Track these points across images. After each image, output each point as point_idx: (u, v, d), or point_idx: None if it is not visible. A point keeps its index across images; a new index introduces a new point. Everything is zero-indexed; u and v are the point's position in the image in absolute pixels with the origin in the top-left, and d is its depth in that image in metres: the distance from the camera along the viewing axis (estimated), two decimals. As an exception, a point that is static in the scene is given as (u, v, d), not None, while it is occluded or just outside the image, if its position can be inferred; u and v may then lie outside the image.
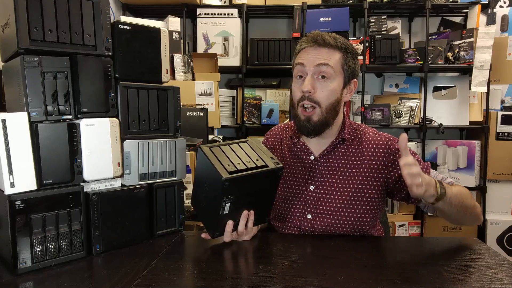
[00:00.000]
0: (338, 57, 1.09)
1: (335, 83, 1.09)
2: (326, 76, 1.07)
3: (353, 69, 1.12)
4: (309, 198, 1.15)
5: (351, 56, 1.11)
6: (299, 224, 1.15)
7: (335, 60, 1.08)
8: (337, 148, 1.16)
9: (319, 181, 1.15)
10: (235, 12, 2.64)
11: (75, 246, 0.92)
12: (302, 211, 1.15)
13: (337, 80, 1.09)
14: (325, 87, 1.08)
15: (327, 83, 1.08)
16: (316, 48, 1.08)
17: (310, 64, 1.08)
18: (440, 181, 1.00)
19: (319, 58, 1.07)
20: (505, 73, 2.69)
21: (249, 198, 1.00)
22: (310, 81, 1.07)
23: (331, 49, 1.08)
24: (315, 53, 1.08)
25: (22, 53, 0.84)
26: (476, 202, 1.10)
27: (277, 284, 0.78)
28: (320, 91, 1.08)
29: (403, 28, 2.88)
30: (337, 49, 1.09)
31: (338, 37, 1.11)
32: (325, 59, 1.07)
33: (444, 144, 2.72)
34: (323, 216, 1.13)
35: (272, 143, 1.29)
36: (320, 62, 1.07)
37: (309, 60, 1.08)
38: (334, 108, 1.10)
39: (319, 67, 1.07)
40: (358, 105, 2.75)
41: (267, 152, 1.02)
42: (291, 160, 1.21)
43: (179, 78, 2.30)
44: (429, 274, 0.83)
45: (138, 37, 1.03)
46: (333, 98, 1.09)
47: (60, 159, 0.89)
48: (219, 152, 0.97)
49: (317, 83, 1.08)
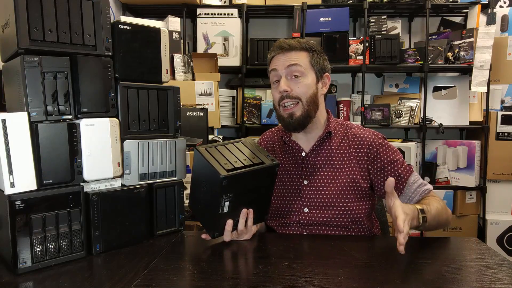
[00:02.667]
0: (305, 55, 1.18)
1: (309, 79, 1.18)
2: (298, 74, 1.17)
3: (322, 65, 1.21)
4: (304, 192, 1.20)
5: (317, 54, 1.20)
6: (298, 219, 1.19)
7: (303, 59, 1.18)
8: (324, 142, 1.23)
9: (312, 175, 1.21)
10: (235, 12, 2.64)
11: (75, 246, 0.92)
12: (299, 205, 1.20)
13: (309, 76, 1.18)
14: (300, 83, 1.17)
15: (301, 79, 1.17)
16: (284, 53, 1.18)
17: (282, 67, 1.17)
18: (422, 209, 1.02)
19: (289, 60, 1.17)
20: (505, 73, 2.68)
21: (248, 196, 1.02)
22: (285, 82, 1.17)
23: (297, 51, 1.18)
24: (284, 57, 1.18)
25: (22, 53, 0.84)
26: (447, 210, 1.15)
27: (277, 284, 0.78)
28: (297, 87, 1.17)
29: (403, 28, 2.88)
30: (302, 50, 1.19)
31: (301, 40, 1.21)
32: (294, 59, 1.17)
33: (444, 144, 2.72)
34: (319, 208, 1.18)
35: (265, 146, 1.35)
36: (290, 63, 1.16)
37: (280, 64, 1.18)
38: (314, 101, 1.18)
39: (290, 68, 1.16)
40: (358, 105, 2.75)
41: (262, 150, 1.05)
42: (284, 159, 1.26)
43: (179, 78, 2.30)
44: (429, 274, 0.83)
45: (138, 37, 1.03)
46: (311, 92, 1.18)
47: (60, 159, 0.89)
48: (215, 152, 0.99)
49: (292, 82, 1.17)
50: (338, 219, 1.16)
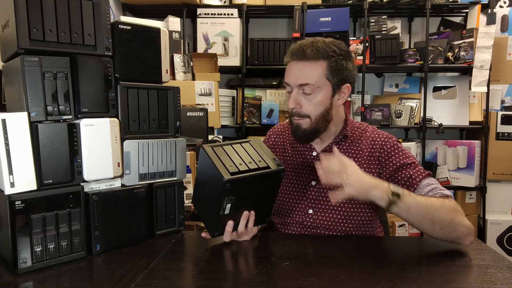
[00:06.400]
0: (321, 68, 1.07)
1: (321, 95, 1.08)
2: (309, 92, 1.08)
3: (342, 75, 1.09)
4: (311, 193, 1.16)
5: (338, 63, 1.07)
6: (301, 220, 1.16)
7: (317, 74, 1.06)
8: (339, 144, 1.17)
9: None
10: (235, 12, 2.64)
11: (75, 246, 0.92)
12: (304, 206, 1.16)
13: (322, 92, 1.08)
14: (311, 100, 1.09)
15: (312, 97, 1.08)
16: (298, 62, 1.08)
17: (293, 84, 1.09)
18: (398, 187, 0.94)
19: (301, 78, 1.07)
20: (505, 73, 2.68)
21: (250, 198, 1.00)
22: (295, 98, 1.09)
23: (313, 62, 1.06)
24: (297, 70, 1.08)
25: (22, 53, 0.84)
26: (462, 221, 0.96)
27: (277, 284, 0.78)
28: (307, 105, 1.09)
29: (403, 28, 2.88)
30: (319, 59, 1.06)
31: (321, 46, 1.06)
32: (305, 78, 1.06)
33: (444, 144, 2.72)
34: (325, 211, 1.14)
35: (274, 140, 1.31)
36: (300, 83, 1.07)
37: (291, 79, 1.09)
38: (324, 117, 1.10)
39: (301, 87, 1.08)
40: (358, 105, 2.75)
41: (269, 153, 1.02)
42: (293, 156, 1.23)
43: (179, 78, 2.30)
44: (429, 274, 0.83)
45: (138, 37, 1.03)
46: (322, 109, 1.09)
47: (60, 159, 0.89)
48: (221, 152, 0.97)
49: (303, 98, 1.09)
50: (343, 223, 1.13)
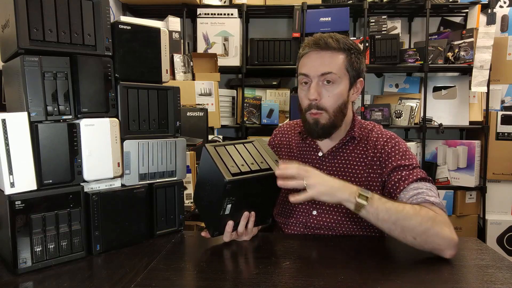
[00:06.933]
0: (341, 59, 1.08)
1: (341, 86, 1.08)
2: (331, 81, 1.07)
3: (357, 69, 1.11)
4: None
5: (355, 56, 1.09)
6: (305, 220, 1.15)
7: (339, 64, 1.07)
8: (345, 145, 1.16)
9: None
10: (235, 12, 2.64)
11: (75, 246, 0.92)
12: (308, 207, 1.16)
13: (343, 83, 1.09)
14: (331, 92, 1.08)
15: (333, 87, 1.08)
16: (318, 52, 1.08)
17: (314, 74, 1.07)
18: (368, 191, 0.93)
19: (323, 66, 1.07)
20: (505, 73, 2.69)
21: (251, 199, 1.00)
22: (315, 88, 1.07)
23: (334, 52, 1.08)
24: (318, 59, 1.08)
25: (22, 53, 0.84)
26: (441, 232, 0.90)
27: (277, 284, 0.78)
28: (327, 96, 1.08)
29: (403, 28, 2.88)
30: (340, 51, 1.08)
31: (340, 38, 1.09)
32: (328, 66, 1.07)
33: (444, 144, 2.72)
34: (329, 212, 1.13)
35: (280, 139, 1.30)
36: (323, 71, 1.06)
37: (312, 70, 1.08)
38: (341, 110, 1.10)
39: (323, 76, 1.07)
40: (358, 105, 2.74)
41: (272, 155, 1.01)
42: (299, 156, 1.22)
43: (179, 78, 2.30)
44: (429, 274, 0.83)
45: (138, 37, 1.03)
46: (340, 101, 1.09)
47: (60, 159, 0.89)
48: (223, 152, 0.96)
49: (323, 89, 1.08)
50: (347, 225, 1.12)
